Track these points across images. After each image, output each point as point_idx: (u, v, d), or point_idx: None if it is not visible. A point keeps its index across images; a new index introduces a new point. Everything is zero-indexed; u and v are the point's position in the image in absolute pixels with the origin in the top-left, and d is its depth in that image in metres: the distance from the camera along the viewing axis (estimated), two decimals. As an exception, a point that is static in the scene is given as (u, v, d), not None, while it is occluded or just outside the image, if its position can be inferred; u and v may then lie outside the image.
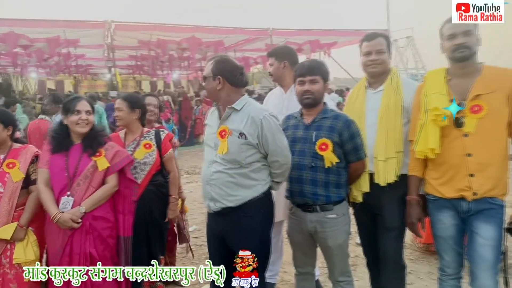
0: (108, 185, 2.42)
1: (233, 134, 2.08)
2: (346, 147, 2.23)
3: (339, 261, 2.34)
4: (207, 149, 2.22)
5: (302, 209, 2.30)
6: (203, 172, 2.23)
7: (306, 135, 2.27)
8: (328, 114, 2.30)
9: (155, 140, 2.80)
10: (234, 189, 2.09)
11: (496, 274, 1.99)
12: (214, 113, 2.27)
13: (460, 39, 2.00)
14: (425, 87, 2.15)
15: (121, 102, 2.74)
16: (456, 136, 2.02)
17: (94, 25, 12.50)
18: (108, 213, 2.43)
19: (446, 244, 2.14)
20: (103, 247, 2.36)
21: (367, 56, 2.39)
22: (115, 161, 2.43)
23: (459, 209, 2.05)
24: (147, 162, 2.72)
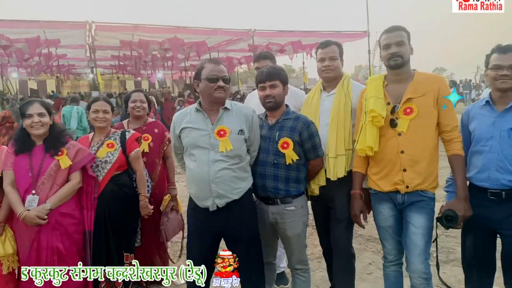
0: (72, 182, 2.53)
1: (233, 132, 2.26)
2: (306, 146, 2.43)
3: (297, 250, 2.53)
4: (199, 151, 2.26)
5: (264, 202, 2.49)
6: (199, 173, 2.25)
7: (269, 135, 2.46)
8: (290, 115, 2.49)
9: (119, 140, 2.87)
10: (237, 183, 2.28)
11: (427, 259, 2.22)
12: (196, 115, 2.32)
13: (394, 48, 2.22)
14: (366, 91, 2.36)
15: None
16: (391, 135, 2.24)
17: (75, 26, 12.50)
18: (74, 209, 2.54)
19: (386, 233, 2.36)
20: (70, 242, 2.48)
21: (321, 62, 2.60)
22: (77, 159, 2.55)
23: (395, 201, 2.27)
24: (108, 161, 2.80)
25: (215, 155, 2.23)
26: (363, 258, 3.74)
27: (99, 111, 2.86)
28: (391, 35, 2.25)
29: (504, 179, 2.06)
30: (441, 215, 2.19)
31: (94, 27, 12.51)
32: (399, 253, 2.37)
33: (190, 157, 2.31)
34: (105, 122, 2.89)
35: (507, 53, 2.08)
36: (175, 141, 2.43)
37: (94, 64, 13.85)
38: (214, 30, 15.10)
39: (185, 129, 2.32)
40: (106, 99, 3.02)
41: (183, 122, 2.34)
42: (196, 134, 2.28)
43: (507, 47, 2.11)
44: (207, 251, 2.33)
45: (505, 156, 2.06)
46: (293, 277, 2.63)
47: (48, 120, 2.54)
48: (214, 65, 2.31)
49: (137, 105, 3.23)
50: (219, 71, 2.29)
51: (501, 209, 2.09)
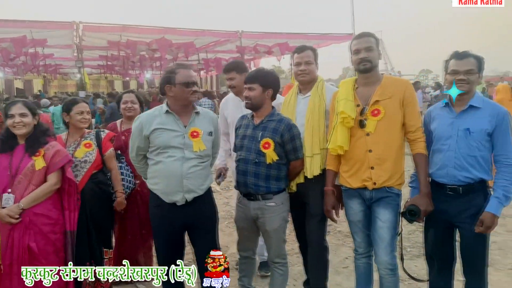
0: (47, 183, 2.54)
1: (204, 133, 2.46)
2: (287, 147, 2.56)
3: (275, 244, 2.66)
4: (173, 150, 2.40)
5: (247, 198, 2.63)
6: (172, 169, 2.39)
7: (253, 134, 2.59)
8: (274, 117, 2.61)
9: (95, 140, 2.96)
10: (204, 179, 2.49)
11: (393, 251, 2.38)
12: (168, 117, 2.43)
13: (363, 54, 2.37)
14: (338, 93, 2.52)
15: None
16: (360, 135, 2.39)
17: (62, 26, 12.46)
18: (50, 210, 2.55)
19: (356, 227, 2.52)
20: (44, 242, 2.51)
21: (298, 66, 2.75)
22: (54, 161, 2.56)
23: (364, 197, 2.42)
24: (87, 161, 2.88)
25: (189, 154, 2.41)
26: (340, 253, 3.90)
27: (84, 112, 2.94)
28: (361, 41, 2.40)
29: (461, 175, 2.23)
30: (405, 210, 2.34)
31: (82, 27, 12.50)
32: (368, 245, 2.52)
33: (161, 154, 2.42)
34: (87, 123, 2.99)
35: (463, 59, 2.25)
36: (141, 142, 2.47)
37: (82, 64, 13.81)
38: (202, 31, 15.18)
39: (156, 130, 2.41)
40: (85, 100, 3.13)
41: (154, 123, 2.42)
42: (169, 135, 2.40)
43: (464, 53, 2.28)
44: (175, 244, 2.51)
45: (462, 154, 2.22)
46: (271, 270, 2.77)
47: (30, 120, 2.58)
48: (187, 70, 2.45)
49: (128, 106, 3.34)
50: (193, 76, 2.46)
51: (458, 203, 2.25)
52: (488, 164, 2.23)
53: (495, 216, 2.14)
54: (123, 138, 3.31)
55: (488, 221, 2.14)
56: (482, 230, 2.16)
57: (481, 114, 2.22)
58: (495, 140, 2.20)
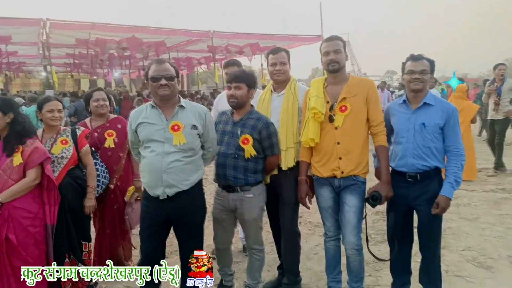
0: (26, 179, 2.61)
1: (186, 127, 2.46)
2: (264, 144, 2.74)
3: (253, 232, 2.85)
4: (155, 144, 2.45)
5: (226, 190, 2.79)
6: (153, 163, 2.44)
7: (233, 130, 2.76)
8: (253, 115, 2.78)
9: (71, 137, 3.04)
10: (188, 174, 2.47)
11: (359, 233, 2.64)
12: (152, 111, 2.51)
13: (332, 55, 2.62)
14: (310, 91, 2.75)
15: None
16: (329, 129, 2.64)
17: (28, 23, 12.09)
18: (30, 204, 2.62)
19: (326, 213, 2.76)
20: (24, 234, 2.58)
21: (273, 66, 2.97)
22: (32, 157, 2.62)
23: (333, 185, 2.67)
24: (64, 157, 2.96)
25: (169, 147, 2.43)
26: (311, 241, 4.15)
27: (54, 110, 3.00)
28: (330, 43, 2.65)
29: (419, 164, 2.52)
30: (368, 196, 2.61)
31: (49, 24, 12.19)
32: (337, 229, 2.77)
33: (146, 149, 2.50)
34: (59, 120, 3.05)
35: (418, 61, 2.55)
36: (132, 136, 2.60)
37: (48, 62, 13.46)
38: (173, 31, 15.13)
39: (141, 124, 2.50)
40: (58, 98, 3.18)
41: (140, 118, 2.52)
42: (151, 128, 2.47)
43: (418, 56, 2.58)
44: (156, 235, 2.55)
45: (418, 145, 2.51)
46: (249, 256, 2.96)
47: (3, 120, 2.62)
48: (157, 65, 2.51)
49: (100, 104, 3.41)
50: (162, 70, 2.48)
51: (416, 189, 2.54)
52: (441, 154, 2.54)
53: (449, 198, 2.45)
54: (95, 135, 3.39)
55: (443, 203, 2.44)
56: (438, 211, 2.45)
57: (433, 110, 2.52)
58: (446, 133, 2.51)
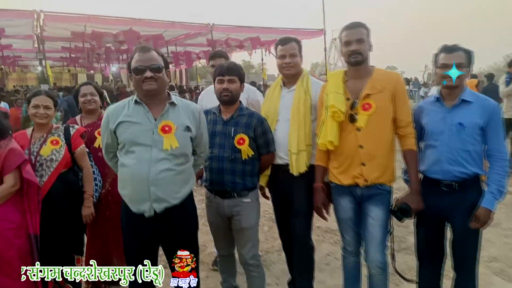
0: (4, 186, 2.33)
1: (179, 128, 2.07)
2: (259, 142, 2.51)
3: (250, 243, 2.55)
4: (140, 149, 2.03)
5: (220, 196, 2.51)
6: (138, 172, 2.03)
7: (225, 130, 2.50)
8: (244, 112, 2.55)
9: (63, 136, 2.72)
10: (179, 185, 2.09)
11: (384, 250, 2.32)
12: (136, 108, 2.10)
13: (354, 46, 2.27)
14: (327, 86, 2.42)
15: None
16: (350, 130, 2.31)
17: (21, 15, 11.67)
18: (11, 213, 2.36)
19: (346, 225, 2.44)
20: (7, 247, 2.29)
21: (282, 59, 2.64)
22: (8, 161, 2.32)
23: (354, 194, 2.35)
24: (54, 159, 2.64)
25: (158, 153, 2.02)
26: (321, 249, 3.84)
27: (40, 106, 2.66)
28: (352, 32, 2.30)
29: (456, 170, 2.19)
30: (395, 208, 2.28)
31: (43, 16, 11.77)
32: (357, 244, 2.46)
33: (128, 154, 2.06)
34: (45, 118, 2.69)
35: (452, 53, 2.21)
36: (108, 138, 2.15)
37: (43, 56, 13.05)
38: (171, 24, 14.71)
39: (122, 123, 2.06)
40: (48, 93, 2.80)
41: (121, 115, 2.08)
42: (136, 129, 2.05)
43: (453, 46, 2.24)
44: (145, 258, 2.17)
45: (455, 149, 2.18)
46: (247, 274, 2.65)
47: None
48: (141, 54, 2.08)
49: (88, 99, 3.09)
50: (146, 60, 2.05)
51: (451, 199, 2.21)
52: (481, 159, 2.21)
53: (491, 211, 2.12)
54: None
55: (484, 216, 2.12)
56: (477, 225, 2.14)
57: (472, 108, 2.19)
58: (488, 134, 2.17)
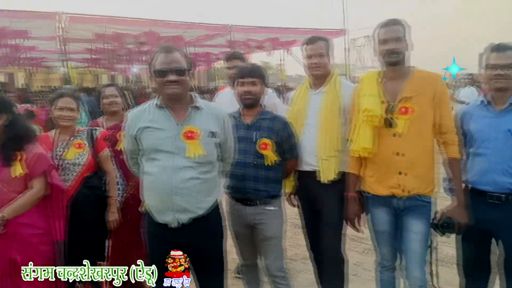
0: (31, 191, 2.27)
1: (203, 134, 1.97)
2: (284, 146, 2.40)
3: (275, 253, 2.43)
4: (163, 156, 1.94)
5: (242, 203, 2.40)
6: (161, 181, 1.94)
7: (247, 135, 2.39)
8: (267, 115, 2.44)
9: (87, 140, 2.66)
10: (205, 195, 1.99)
11: (424, 266, 2.13)
12: (158, 113, 2.00)
13: (392, 44, 2.11)
14: (360, 88, 2.25)
15: None
16: (386, 136, 2.14)
17: (44, 16, 11.88)
18: (37, 219, 2.30)
19: (381, 239, 2.27)
20: (33, 253, 2.23)
21: (309, 59, 2.50)
22: (36, 166, 2.27)
23: (391, 205, 2.17)
24: (78, 163, 2.57)
25: (181, 161, 1.92)
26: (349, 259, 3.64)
27: (64, 108, 2.61)
28: (389, 29, 2.14)
29: (508, 182, 2.00)
30: (438, 222, 2.10)
31: (65, 18, 11.94)
32: (394, 258, 2.29)
33: (150, 161, 1.98)
34: (70, 120, 2.64)
35: (503, 52, 2.02)
36: (130, 144, 2.07)
37: (66, 57, 13.26)
38: (191, 25, 14.74)
39: (145, 129, 1.97)
40: (72, 94, 2.75)
41: (142, 120, 1.99)
42: (158, 135, 1.95)
43: (504, 45, 2.05)
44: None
45: (507, 158, 1.99)
46: (272, 286, 2.51)
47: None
48: (164, 54, 1.96)
49: (110, 100, 3.06)
50: (169, 61, 1.93)
51: (501, 212, 2.02)
52: None
53: None
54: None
55: None
56: None
57: None
58: None
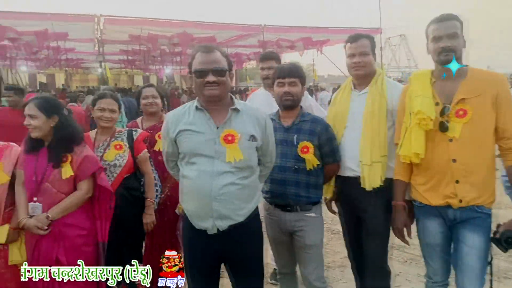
0: (78, 192, 2.29)
1: (243, 137, 1.88)
2: (324, 150, 2.29)
3: (315, 263, 2.31)
4: (202, 160, 1.87)
5: (281, 209, 2.31)
6: (200, 186, 1.86)
7: (286, 138, 2.29)
8: (306, 117, 2.34)
9: (127, 141, 2.65)
10: (244, 201, 1.90)
11: (482, 284, 1.95)
12: (197, 115, 1.92)
13: (445, 42, 1.93)
14: (410, 89, 2.09)
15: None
16: (441, 140, 1.96)
17: (83, 19, 12.29)
18: (82, 220, 2.31)
19: (433, 252, 2.09)
20: (76, 255, 2.23)
21: (351, 58, 2.36)
22: (83, 167, 2.28)
23: (445, 216, 1.99)
24: (118, 164, 2.57)
25: (221, 165, 1.84)
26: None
27: (106, 109, 2.62)
28: (443, 25, 1.96)
29: None
30: (502, 237, 1.90)
31: (103, 20, 12.29)
32: (446, 273, 2.10)
33: (189, 165, 1.91)
34: (110, 122, 2.65)
35: None
36: (169, 146, 2.00)
37: (103, 58, 13.66)
38: (223, 25, 14.83)
39: (183, 132, 1.90)
40: (113, 96, 2.77)
41: (181, 123, 1.92)
42: (197, 138, 1.88)
43: None
44: (207, 276, 2.02)
45: None
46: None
47: (41, 123, 2.24)
48: (204, 54, 1.88)
49: (150, 101, 3.04)
50: (209, 61, 1.85)
51: None
52: None
53: None
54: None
55: None
56: None
57: None
58: None
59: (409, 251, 3.78)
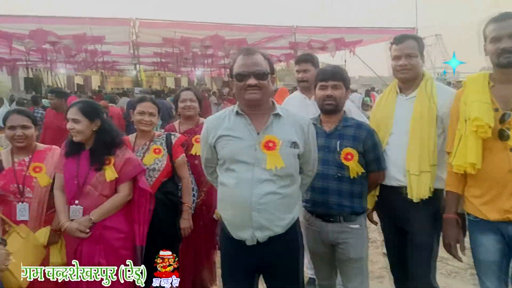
0: (119, 195, 2.31)
1: (284, 144, 1.82)
2: (369, 157, 2.19)
3: (359, 278, 2.21)
4: (241, 167, 1.81)
5: (322, 219, 2.21)
6: (239, 195, 1.80)
7: (328, 144, 2.20)
8: (350, 122, 2.24)
9: (165, 145, 2.66)
10: (284, 212, 1.82)
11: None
12: (237, 120, 1.87)
13: (506, 42, 1.79)
14: (465, 94, 1.95)
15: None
16: (500, 150, 1.82)
17: (119, 22, 12.62)
18: (121, 223, 2.33)
19: (488, 270, 1.94)
20: (115, 258, 2.25)
21: (396, 60, 2.25)
22: (125, 170, 2.31)
23: (504, 232, 1.84)
24: (156, 168, 2.59)
25: (261, 173, 1.78)
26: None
27: (145, 113, 2.63)
28: (503, 25, 1.82)
29: None
30: None
31: (138, 23, 12.57)
32: None
33: (228, 172, 1.85)
34: (150, 125, 2.67)
35: None
36: (208, 152, 1.96)
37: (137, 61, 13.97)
38: (255, 27, 14.81)
39: (222, 138, 1.85)
40: (153, 100, 2.77)
41: (221, 128, 1.87)
42: (237, 144, 1.82)
43: None
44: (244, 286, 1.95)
45: None
46: None
47: (84, 127, 2.27)
48: (244, 57, 1.83)
49: (187, 105, 3.03)
50: (250, 64, 1.80)
51: None
52: None
53: None
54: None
55: None
56: None
57: None
58: None
59: (452, 263, 3.58)
